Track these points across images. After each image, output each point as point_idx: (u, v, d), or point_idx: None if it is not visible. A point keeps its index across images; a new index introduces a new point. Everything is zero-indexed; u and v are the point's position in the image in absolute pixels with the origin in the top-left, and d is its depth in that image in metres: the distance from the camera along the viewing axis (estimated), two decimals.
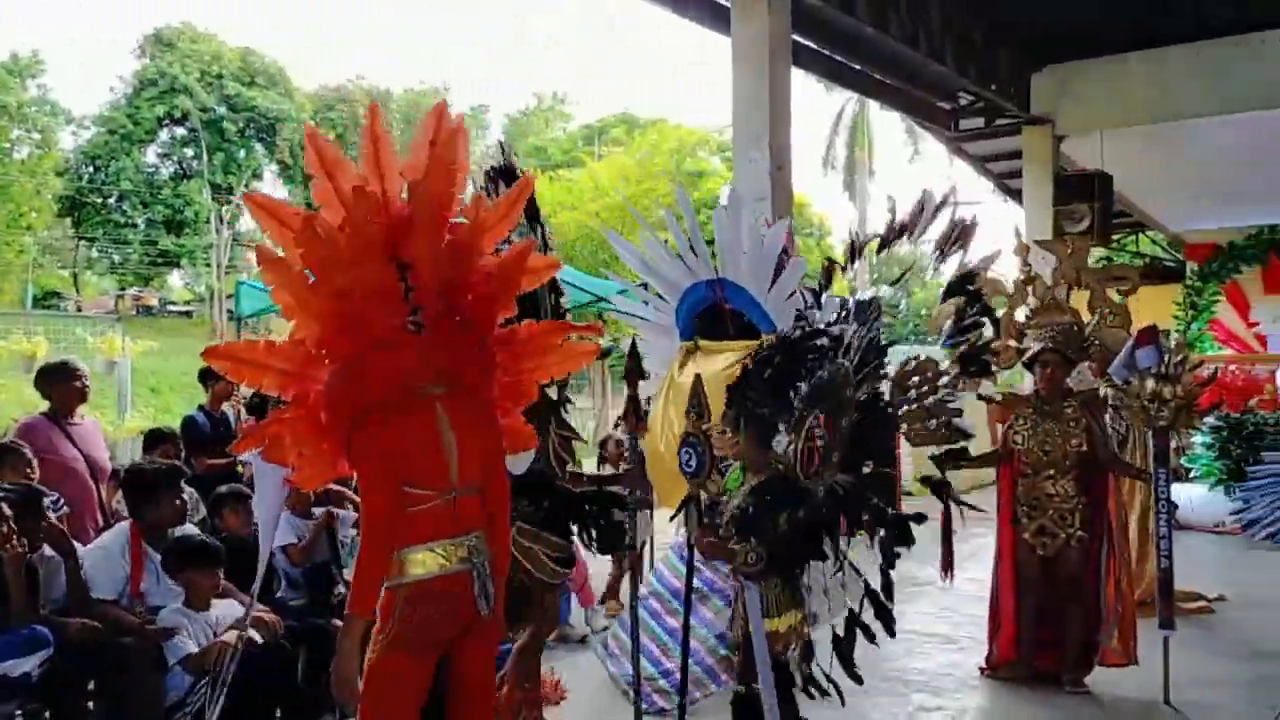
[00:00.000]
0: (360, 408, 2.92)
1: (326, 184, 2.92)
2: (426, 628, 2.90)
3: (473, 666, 3.05)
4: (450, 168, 2.98)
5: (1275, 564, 8.68)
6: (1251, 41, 11.35)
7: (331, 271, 2.87)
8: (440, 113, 3.01)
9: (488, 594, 2.98)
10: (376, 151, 2.94)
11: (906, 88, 12.28)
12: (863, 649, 6.30)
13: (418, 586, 2.89)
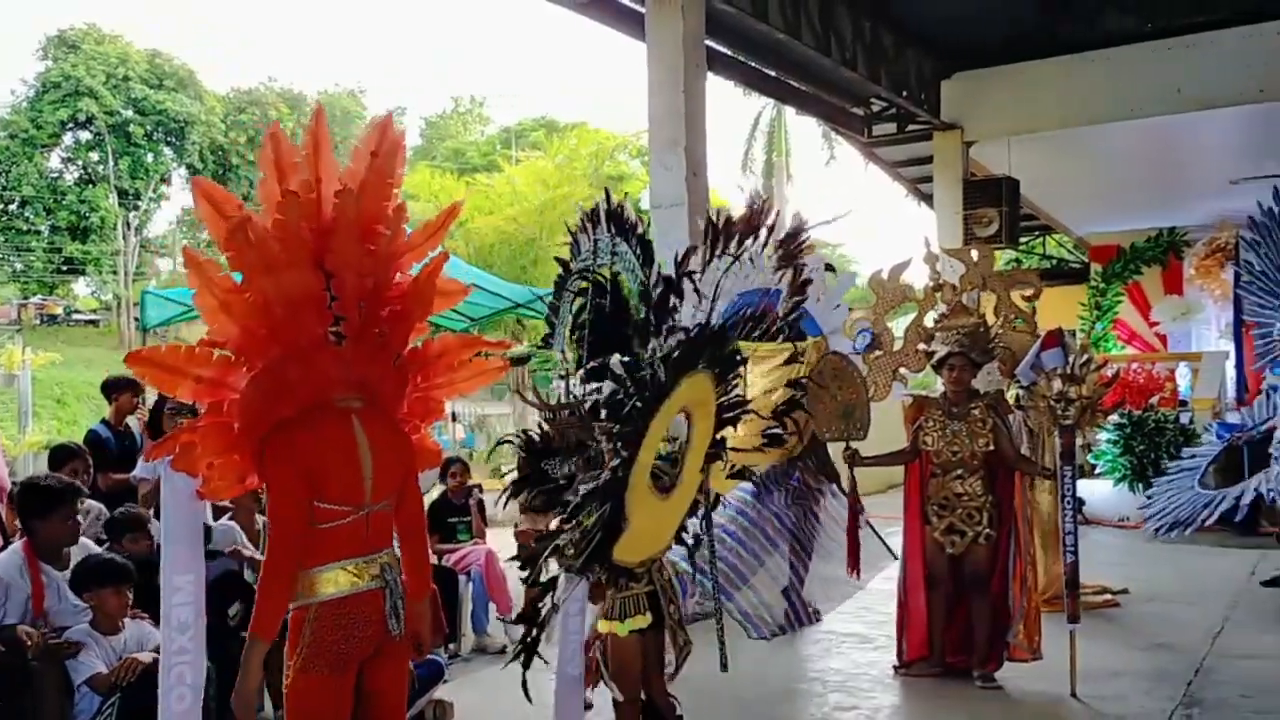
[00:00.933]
0: (276, 418, 2.86)
1: (274, 185, 2.86)
2: (338, 647, 2.85)
3: (383, 687, 3.00)
4: (387, 180, 2.97)
5: (1176, 557, 8.97)
6: (1153, 49, 11.73)
7: (259, 275, 2.81)
8: (385, 125, 3.00)
9: (399, 613, 2.94)
10: (316, 155, 2.90)
11: (820, 94, 12.47)
12: (782, 650, 6.44)
13: (328, 606, 2.84)
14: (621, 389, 3.44)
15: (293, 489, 2.82)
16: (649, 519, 3.62)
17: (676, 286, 3.46)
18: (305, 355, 2.87)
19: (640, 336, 3.70)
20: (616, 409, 3.45)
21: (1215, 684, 5.47)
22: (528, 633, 3.47)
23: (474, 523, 7.06)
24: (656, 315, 3.44)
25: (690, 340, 3.52)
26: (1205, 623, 6.68)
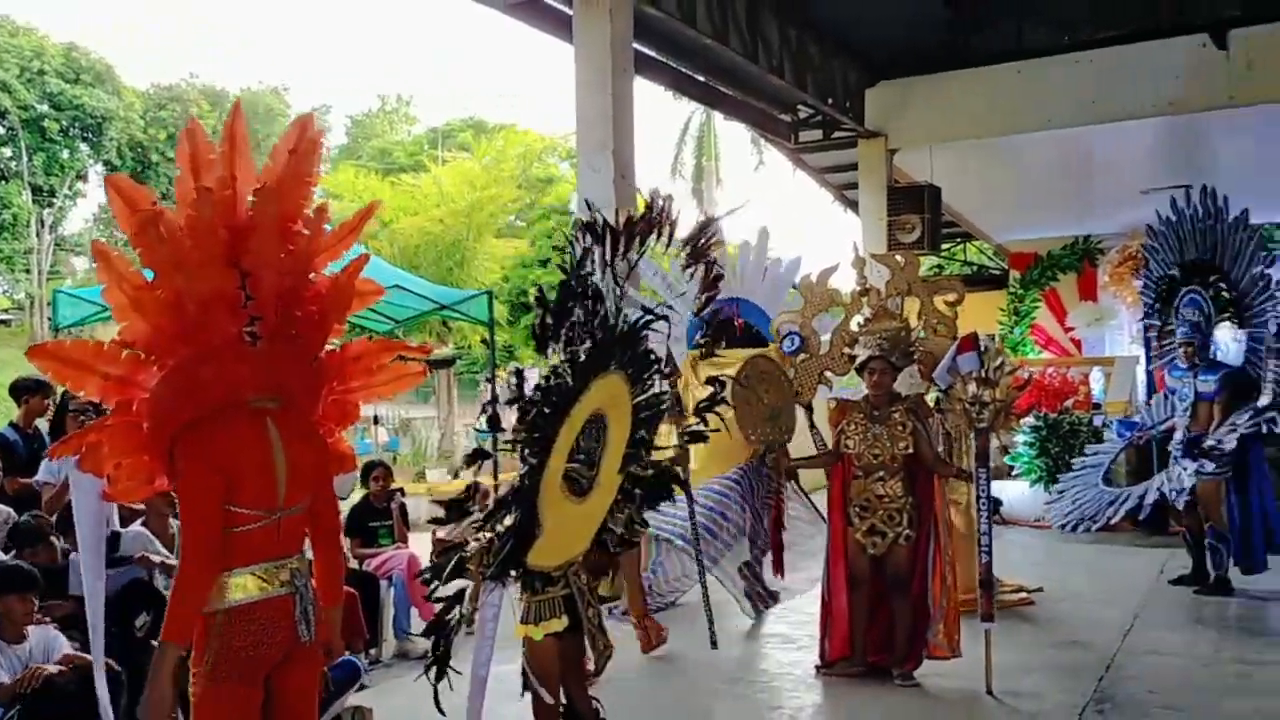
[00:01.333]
0: (187, 419, 2.79)
1: (190, 182, 2.80)
2: (246, 655, 2.78)
3: (293, 694, 2.93)
4: (305, 179, 2.93)
5: (1089, 557, 9.20)
6: (1068, 62, 12.03)
7: (171, 272, 2.75)
8: (304, 123, 2.96)
9: (309, 619, 2.89)
10: (233, 152, 2.84)
11: (748, 99, 12.56)
12: (707, 652, 6.47)
13: (236, 611, 2.78)
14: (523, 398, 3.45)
15: (205, 490, 2.75)
16: (564, 523, 3.62)
17: (574, 290, 3.46)
18: (218, 355, 2.81)
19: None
20: (524, 415, 3.45)
21: (1125, 680, 5.63)
22: (436, 644, 3.45)
23: (396, 527, 7.00)
24: (555, 320, 3.44)
25: (599, 343, 3.52)
26: (1116, 621, 6.86)
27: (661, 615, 7.45)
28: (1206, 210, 7.91)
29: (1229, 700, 5.27)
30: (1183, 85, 11.31)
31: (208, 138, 2.88)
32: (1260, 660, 6.01)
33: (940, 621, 5.69)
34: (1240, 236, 7.70)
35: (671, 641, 6.79)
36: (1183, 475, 7.44)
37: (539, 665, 3.77)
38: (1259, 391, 7.42)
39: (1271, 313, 7.44)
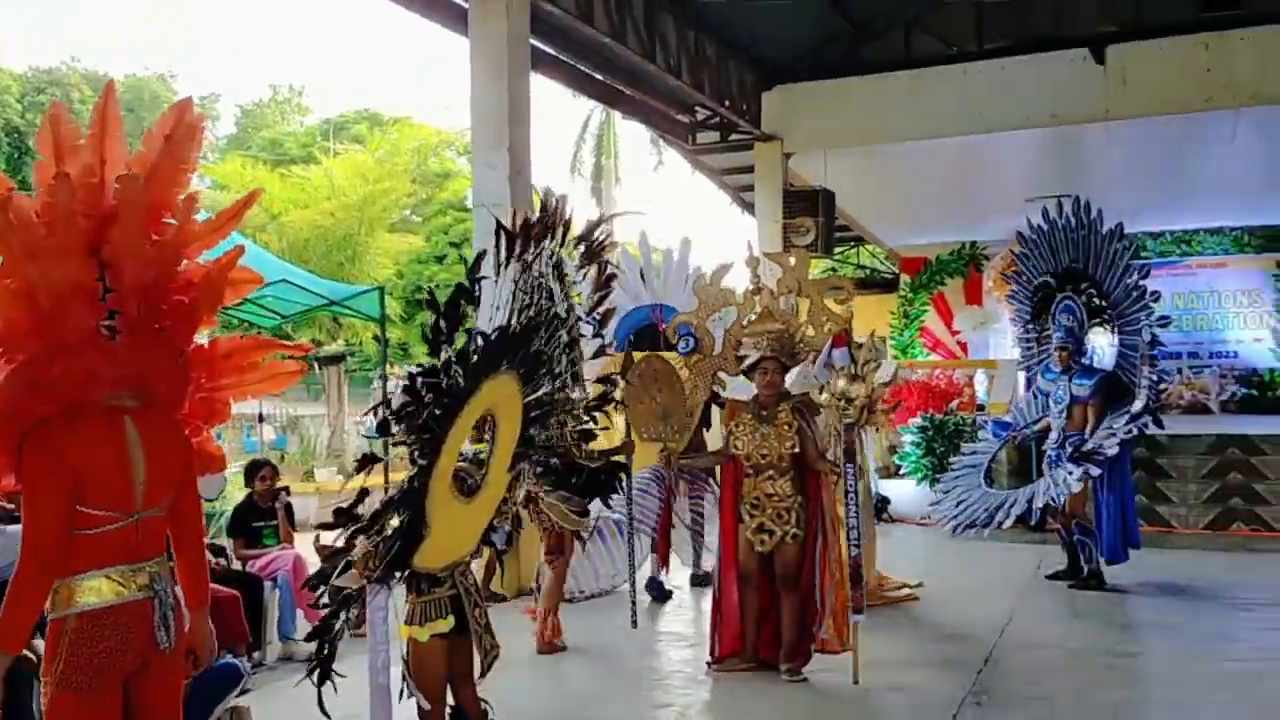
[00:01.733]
0: (36, 416, 2.66)
1: (51, 167, 2.66)
2: (99, 661, 2.66)
3: (152, 704, 2.82)
4: (180, 166, 2.83)
5: (970, 553, 9.45)
6: (956, 73, 12.37)
7: (22, 262, 2.62)
8: (183, 108, 2.85)
9: (168, 625, 2.78)
10: (104, 136, 2.72)
11: (646, 99, 12.60)
12: (603, 648, 6.47)
13: (89, 617, 2.66)
14: (414, 399, 3.40)
15: (51, 490, 2.63)
16: (451, 524, 3.58)
17: (468, 292, 3.43)
18: (72, 349, 2.68)
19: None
20: (412, 418, 3.40)
21: (1002, 673, 5.79)
22: (320, 648, 3.37)
23: (281, 527, 6.81)
24: (447, 321, 3.40)
25: (490, 343, 3.49)
26: (995, 615, 7.06)
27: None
28: (1079, 221, 8.20)
29: (1100, 691, 5.47)
30: (1063, 98, 11.73)
31: (73, 122, 2.74)
32: (1129, 652, 6.27)
33: (830, 617, 5.77)
34: (1115, 248, 8.00)
35: (569, 630, 6.79)
36: (1069, 479, 7.66)
37: (423, 667, 3.72)
38: (1131, 396, 7.72)
39: (1145, 321, 7.75)
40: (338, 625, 3.41)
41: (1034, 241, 8.62)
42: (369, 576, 3.31)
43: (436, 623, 3.69)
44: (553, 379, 4.01)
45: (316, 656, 3.38)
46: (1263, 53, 11.06)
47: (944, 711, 5.12)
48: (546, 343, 3.95)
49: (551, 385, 4.00)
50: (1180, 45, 11.40)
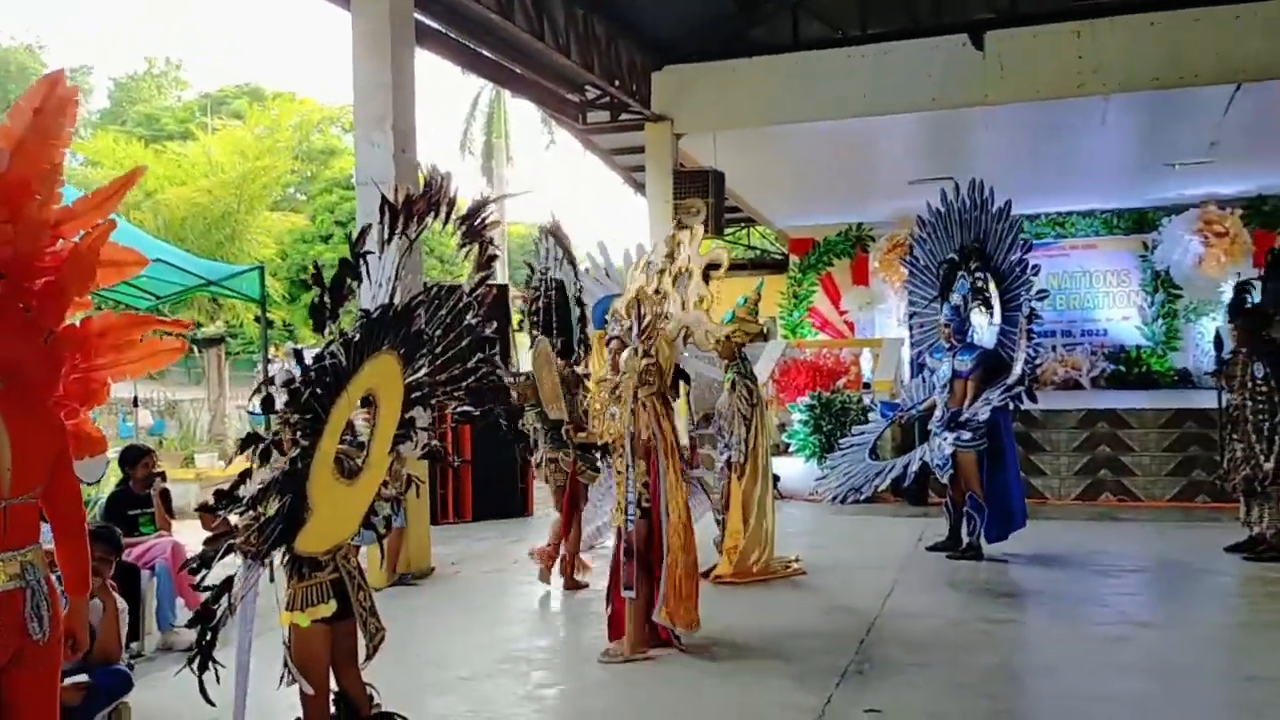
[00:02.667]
0: None
1: None
2: None
3: (25, 695, 2.72)
4: (50, 140, 2.71)
5: (855, 527, 9.71)
6: (841, 56, 12.57)
7: None
8: (54, 81, 2.73)
9: (40, 615, 2.69)
10: None
11: (536, 78, 12.49)
12: (485, 631, 6.44)
13: None
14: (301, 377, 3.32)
15: None
16: (333, 506, 3.52)
17: (353, 268, 3.36)
18: None
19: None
20: (295, 396, 3.32)
21: (884, 641, 5.95)
22: (203, 635, 3.28)
23: (158, 514, 6.59)
24: (332, 298, 3.33)
25: (371, 321, 3.43)
26: (878, 586, 7.25)
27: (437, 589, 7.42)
28: (974, 201, 8.45)
29: (976, 656, 5.66)
30: (944, 83, 12.03)
31: None
32: (1003, 619, 6.50)
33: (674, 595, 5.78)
34: (1003, 226, 8.27)
35: (451, 618, 6.76)
36: (943, 445, 7.93)
37: (307, 653, 3.64)
38: (1009, 371, 8.00)
39: (1025, 296, 8.04)
40: (220, 610, 3.33)
41: (931, 224, 8.84)
42: (246, 553, 3.23)
43: (318, 607, 3.61)
44: (432, 360, 3.96)
45: (198, 643, 3.29)
46: (1130, 40, 11.51)
47: (828, 680, 5.24)
48: (427, 322, 3.90)
49: (431, 366, 3.95)
50: (1054, 33, 11.79)
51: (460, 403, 4.27)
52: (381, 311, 3.51)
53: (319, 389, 3.34)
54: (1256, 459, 7.74)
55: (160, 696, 5.08)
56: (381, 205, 3.70)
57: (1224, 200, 16.55)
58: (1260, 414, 7.76)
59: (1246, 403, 7.86)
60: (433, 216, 3.82)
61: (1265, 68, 11.12)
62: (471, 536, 9.48)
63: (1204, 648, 5.81)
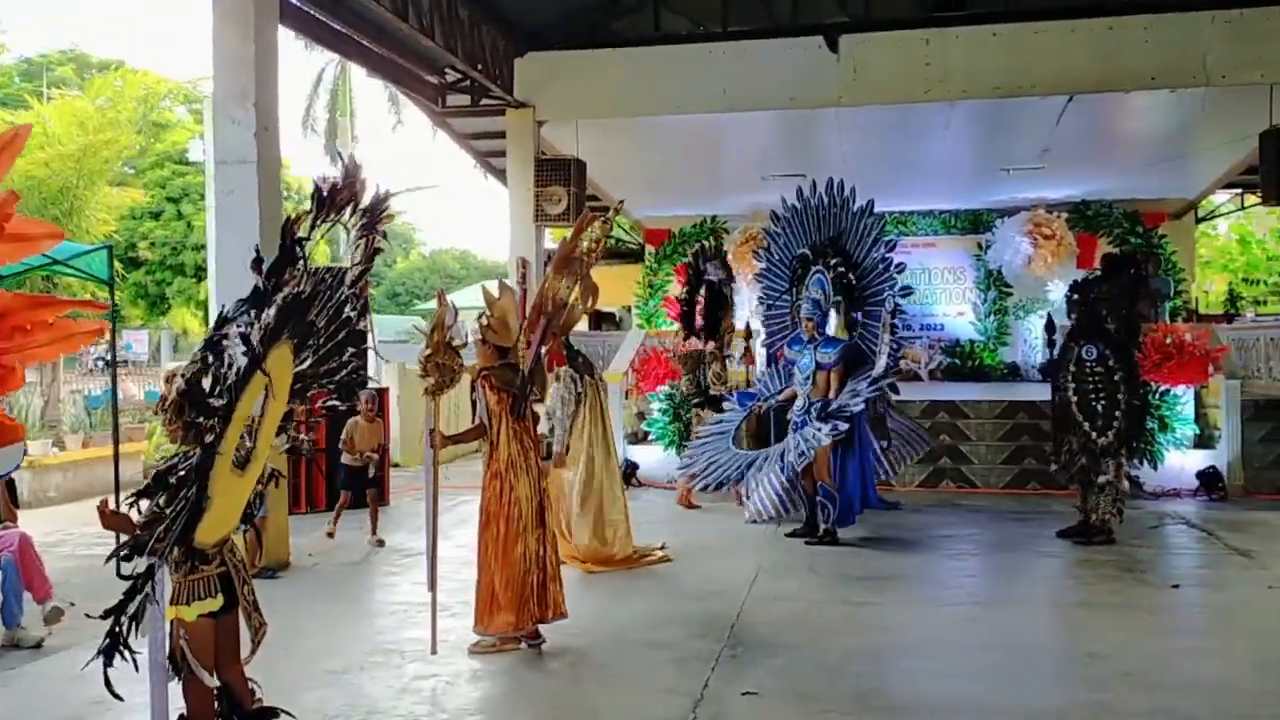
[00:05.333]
0: None
1: None
2: None
3: None
4: None
5: (716, 516, 9.93)
6: (703, 52, 12.78)
7: None
8: None
9: None
10: None
11: (394, 57, 12.24)
12: (353, 623, 6.33)
13: None
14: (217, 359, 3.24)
15: None
16: (227, 497, 3.44)
17: (292, 253, 3.29)
18: None
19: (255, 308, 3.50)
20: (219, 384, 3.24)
21: (752, 625, 6.15)
22: (115, 625, 3.16)
23: (2, 505, 6.21)
24: (271, 284, 3.25)
25: (281, 309, 3.36)
26: (742, 572, 7.46)
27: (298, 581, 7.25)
28: (833, 199, 8.73)
29: (840, 637, 5.92)
30: (801, 83, 12.39)
31: None
32: (864, 601, 6.79)
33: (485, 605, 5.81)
34: (866, 222, 8.58)
35: (317, 611, 6.62)
36: (819, 435, 8.13)
37: (193, 647, 3.53)
38: (871, 364, 8.33)
39: (889, 292, 8.37)
40: (135, 603, 3.22)
41: (786, 219, 9.08)
42: (155, 551, 3.12)
43: (205, 601, 3.52)
44: (315, 352, 3.90)
45: (110, 634, 3.17)
46: (975, 51, 12.11)
47: (703, 664, 5.39)
48: (319, 314, 3.83)
49: (315, 358, 3.89)
50: (904, 40, 12.29)
51: (330, 395, 4.21)
52: (294, 299, 3.44)
53: (235, 375, 3.26)
54: (1092, 444, 8.20)
55: (10, 697, 4.81)
56: (315, 193, 3.64)
57: (1052, 204, 17.56)
58: (1094, 393, 8.14)
59: (1074, 386, 8.23)
60: (352, 207, 3.76)
61: (1095, 81, 11.89)
62: (317, 526, 9.27)
63: (1047, 626, 6.22)
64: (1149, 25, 11.79)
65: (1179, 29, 11.71)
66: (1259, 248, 26.31)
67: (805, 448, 8.14)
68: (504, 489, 5.75)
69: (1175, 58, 11.67)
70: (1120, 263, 8.73)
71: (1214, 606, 6.72)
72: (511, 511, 5.75)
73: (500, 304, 5.74)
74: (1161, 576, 7.48)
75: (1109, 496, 8.24)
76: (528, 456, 5.80)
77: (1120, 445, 8.16)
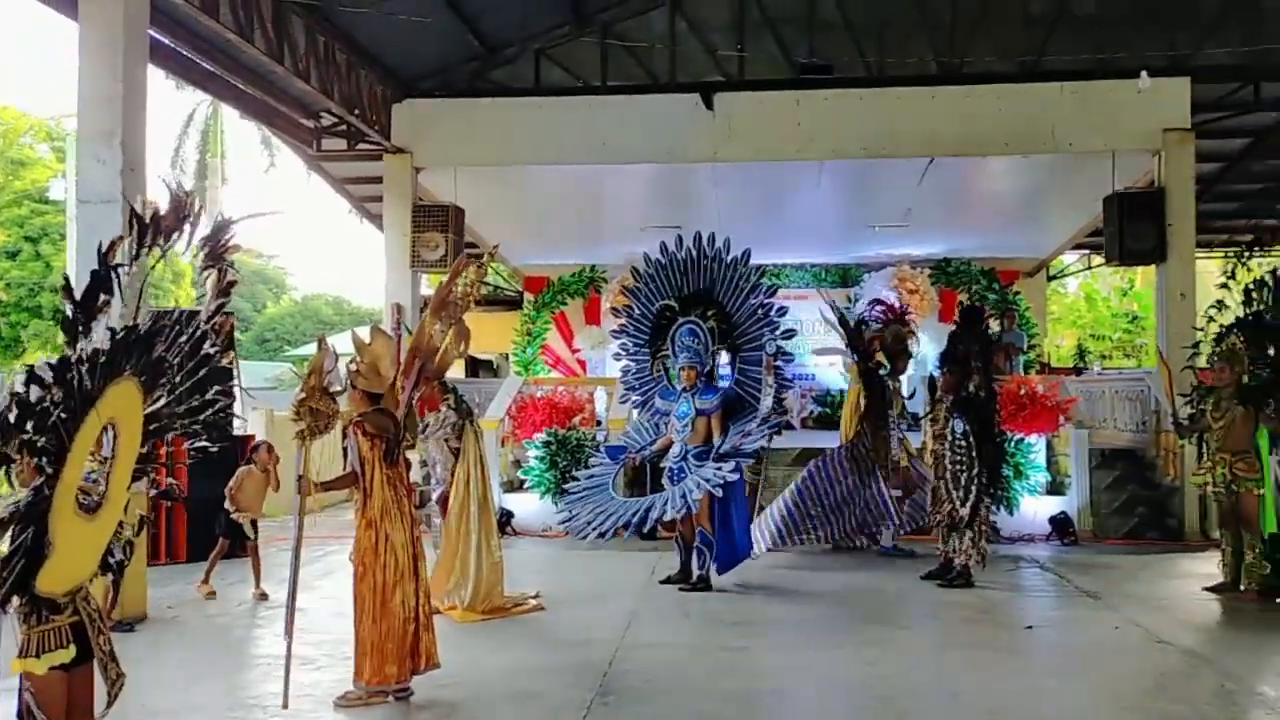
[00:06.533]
0: None
1: None
2: None
3: None
4: None
5: (590, 563, 9.94)
6: (583, 104, 13.00)
7: None
8: None
9: None
10: None
11: (269, 100, 12.08)
12: (215, 678, 6.13)
13: None
14: (47, 395, 3.13)
15: None
16: (74, 543, 3.32)
17: (104, 281, 3.21)
18: None
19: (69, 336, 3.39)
20: (43, 419, 3.12)
21: (625, 673, 6.16)
22: None
23: None
24: (84, 312, 3.16)
25: (116, 343, 3.27)
26: (615, 620, 7.47)
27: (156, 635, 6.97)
28: (702, 251, 8.94)
29: (714, 683, 5.98)
30: (679, 138, 12.69)
31: None
32: (737, 647, 6.88)
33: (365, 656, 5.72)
34: (740, 272, 8.81)
35: (178, 666, 6.37)
36: (716, 475, 8.13)
37: (41, 700, 3.38)
38: (750, 409, 8.52)
39: (768, 336, 8.59)
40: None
41: (650, 275, 9.25)
42: None
43: (56, 653, 3.38)
44: (171, 390, 3.81)
45: None
46: (842, 113, 12.61)
47: (575, 713, 5.38)
48: (168, 349, 3.76)
49: (170, 397, 3.80)
50: (777, 100, 12.72)
51: (196, 437, 4.13)
52: (127, 332, 3.36)
53: (64, 412, 3.15)
54: (954, 503, 8.65)
55: None
56: (131, 219, 3.56)
57: (916, 261, 18.30)
58: (958, 464, 8.65)
59: (946, 452, 8.75)
60: (178, 235, 3.70)
61: (954, 146, 12.51)
62: (186, 579, 8.94)
63: (913, 667, 6.40)
64: (1002, 95, 12.49)
65: (1030, 99, 12.43)
66: (1104, 305, 27.86)
67: (694, 497, 8.17)
68: (379, 538, 5.66)
69: (1027, 125, 12.37)
70: (974, 312, 9.19)
71: (1066, 646, 7.03)
72: (388, 561, 5.66)
73: (372, 349, 5.69)
74: (1017, 618, 7.79)
75: (971, 541, 8.59)
76: (402, 504, 5.74)
77: (974, 516, 8.58)
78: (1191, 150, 12.29)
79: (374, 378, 5.67)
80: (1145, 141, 12.32)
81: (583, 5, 13.36)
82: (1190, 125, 12.25)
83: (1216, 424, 8.46)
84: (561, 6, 13.25)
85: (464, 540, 7.66)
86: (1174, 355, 10.44)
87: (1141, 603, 8.07)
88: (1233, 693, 5.76)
